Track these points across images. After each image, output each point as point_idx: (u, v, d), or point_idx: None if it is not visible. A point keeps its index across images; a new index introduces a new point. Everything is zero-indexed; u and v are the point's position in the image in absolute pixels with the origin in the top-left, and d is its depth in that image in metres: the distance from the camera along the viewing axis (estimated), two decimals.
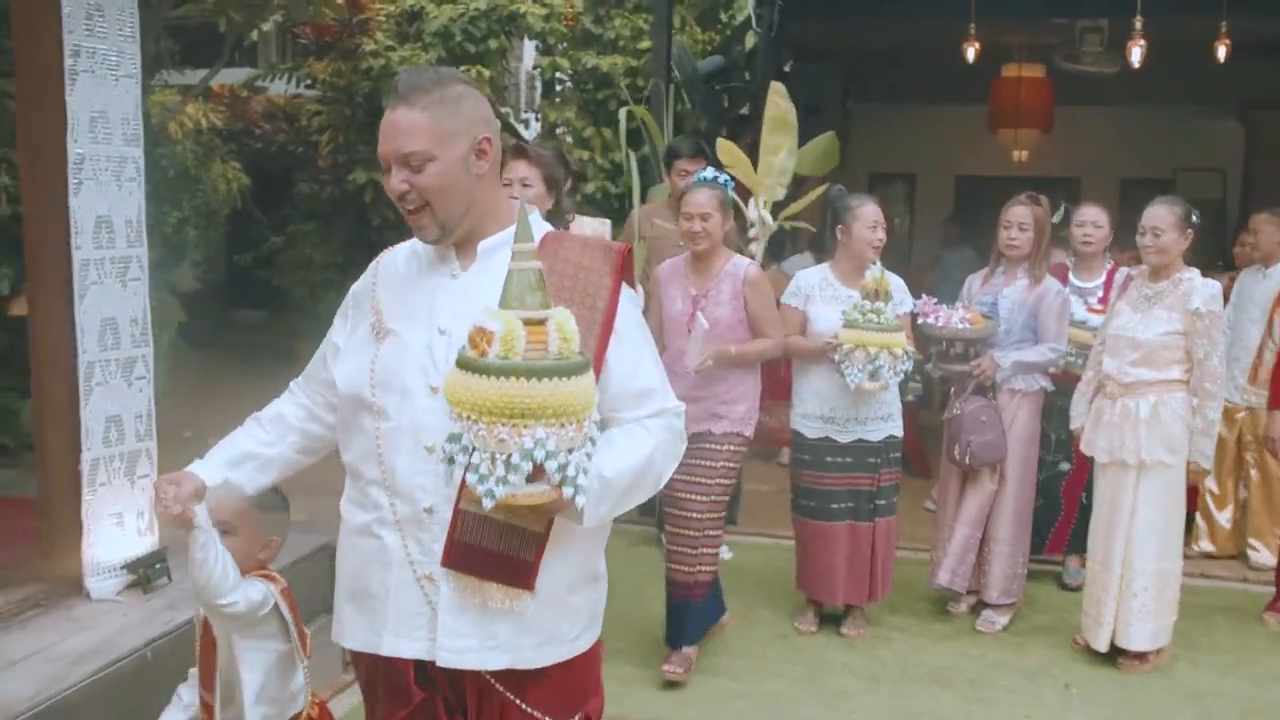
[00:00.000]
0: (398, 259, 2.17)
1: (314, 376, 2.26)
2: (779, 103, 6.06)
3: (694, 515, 4.19)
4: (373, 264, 2.22)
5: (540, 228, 2.12)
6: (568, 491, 1.77)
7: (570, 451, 1.76)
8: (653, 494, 2.11)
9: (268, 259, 10.41)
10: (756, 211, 6.08)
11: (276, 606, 2.46)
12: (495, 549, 1.97)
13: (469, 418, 1.73)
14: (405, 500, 2.01)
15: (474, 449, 1.74)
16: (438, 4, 9.75)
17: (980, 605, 4.88)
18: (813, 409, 4.62)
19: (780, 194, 6.23)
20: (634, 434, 2.03)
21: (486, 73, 9.36)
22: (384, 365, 2.04)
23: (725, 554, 5.56)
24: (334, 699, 3.57)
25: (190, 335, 8.06)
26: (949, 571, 4.80)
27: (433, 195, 1.98)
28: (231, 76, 10.20)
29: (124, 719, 3.05)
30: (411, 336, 2.04)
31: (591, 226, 4.60)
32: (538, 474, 1.75)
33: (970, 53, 7.88)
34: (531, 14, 9.58)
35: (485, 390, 1.71)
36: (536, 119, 10.85)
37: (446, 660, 2.02)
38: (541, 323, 1.76)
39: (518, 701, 2.07)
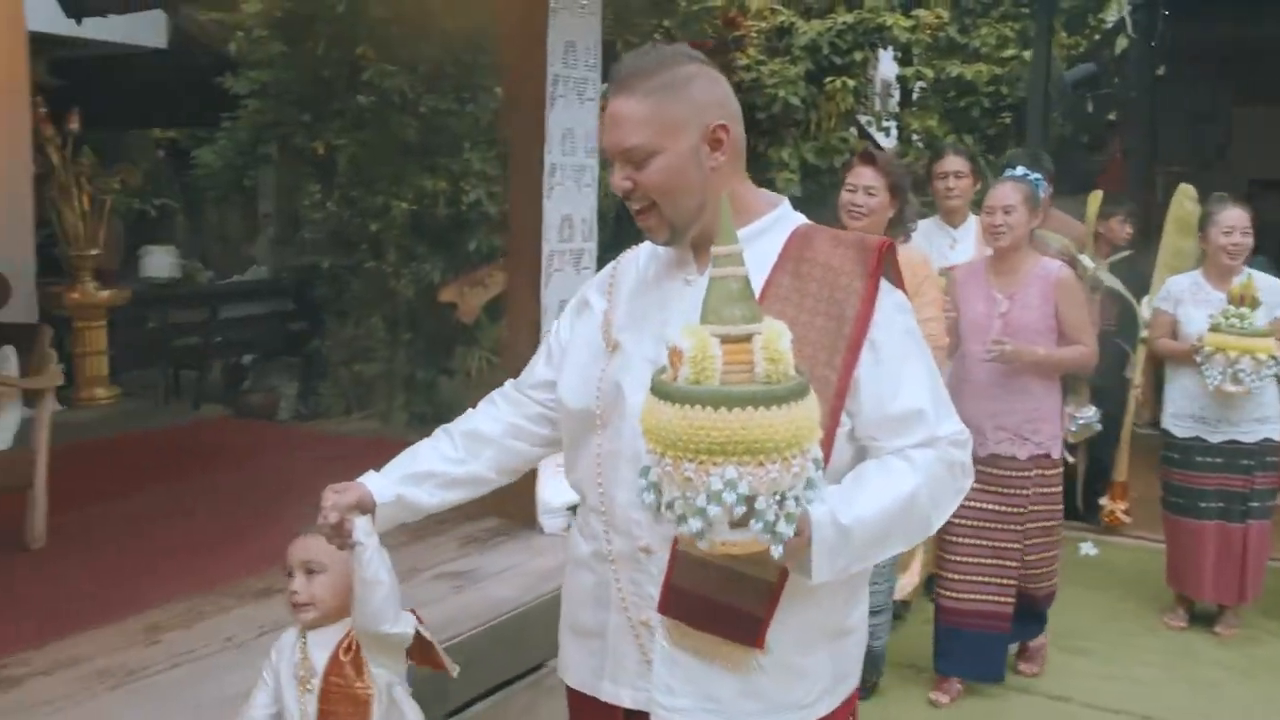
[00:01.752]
0: (639, 260, 1.92)
1: (529, 380, 2.04)
2: (1186, 204, 5.76)
3: (1011, 545, 3.97)
4: (611, 264, 1.99)
5: (789, 221, 1.84)
6: (775, 547, 1.47)
7: (777, 495, 1.45)
8: (921, 539, 1.83)
9: None
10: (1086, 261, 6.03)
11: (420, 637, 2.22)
12: (718, 598, 1.69)
13: (657, 450, 1.48)
14: (622, 534, 1.80)
15: (661, 486, 1.49)
16: (806, 19, 10.25)
17: None
18: (1183, 408, 4.74)
19: None
20: (892, 468, 1.70)
21: (851, 83, 9.74)
22: (610, 380, 1.81)
23: (1091, 550, 5.73)
24: None
25: None
26: None
27: (659, 193, 1.73)
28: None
29: None
30: (636, 349, 1.80)
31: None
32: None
33: None
34: (898, 25, 9.89)
35: (671, 419, 1.45)
36: (897, 126, 11.12)
37: (660, 718, 1.78)
38: (745, 340, 1.47)
39: None
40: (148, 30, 8.74)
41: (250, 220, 11.21)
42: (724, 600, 1.69)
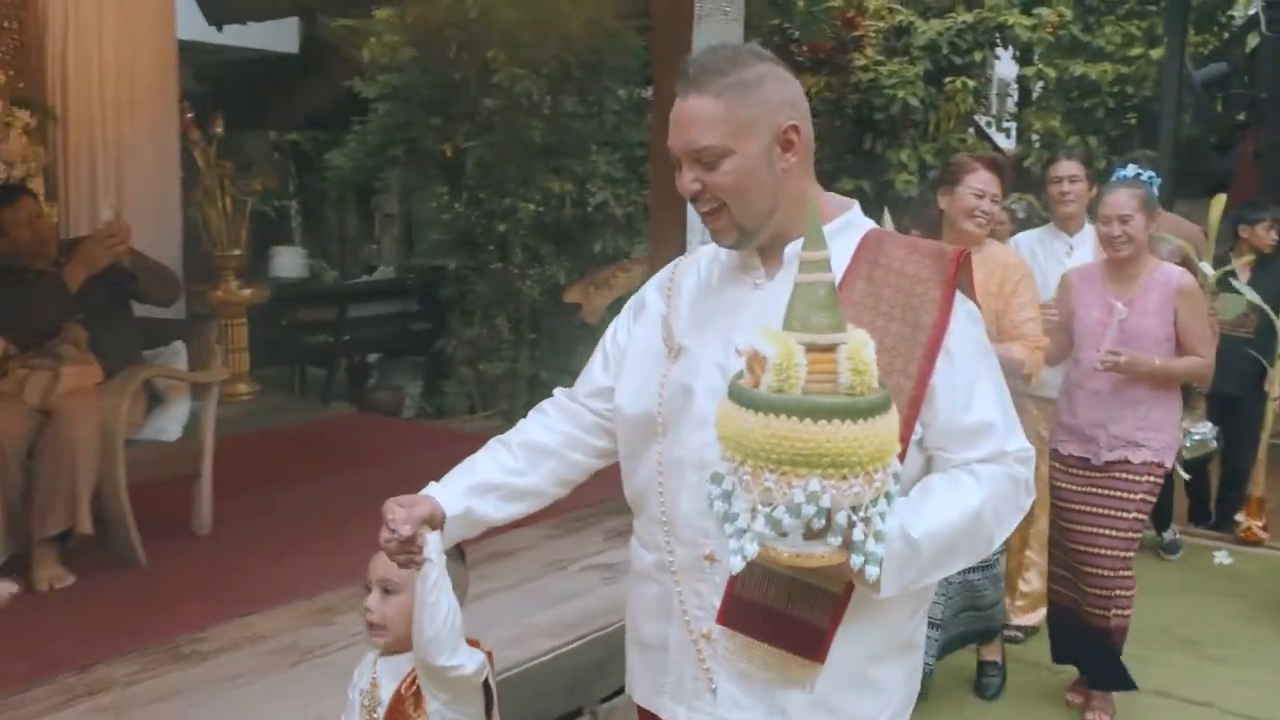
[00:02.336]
0: (699, 264, 1.87)
1: (586, 388, 1.96)
2: None
3: (1104, 552, 3.80)
4: (668, 267, 1.94)
5: (860, 225, 1.80)
6: (855, 559, 1.43)
7: (855, 510, 1.41)
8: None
9: None
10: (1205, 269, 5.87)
11: (486, 682, 2.05)
12: (781, 609, 1.65)
13: (734, 458, 1.43)
14: (685, 544, 1.75)
15: (734, 495, 1.44)
16: (925, 19, 10.20)
17: None
18: None
19: None
20: (960, 482, 1.66)
21: (971, 83, 9.67)
22: (675, 385, 1.76)
23: (1225, 559, 5.63)
24: None
25: None
26: None
27: (729, 195, 1.68)
28: None
29: None
30: (702, 354, 1.75)
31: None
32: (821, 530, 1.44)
33: None
34: (1019, 24, 9.78)
35: (751, 427, 1.40)
36: (1016, 127, 10.99)
37: None
38: (830, 349, 1.43)
39: None
40: (281, 36, 9.08)
41: (370, 221, 11.53)
42: (787, 611, 1.65)
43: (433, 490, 1.86)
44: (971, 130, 10.28)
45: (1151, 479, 3.80)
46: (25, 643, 3.20)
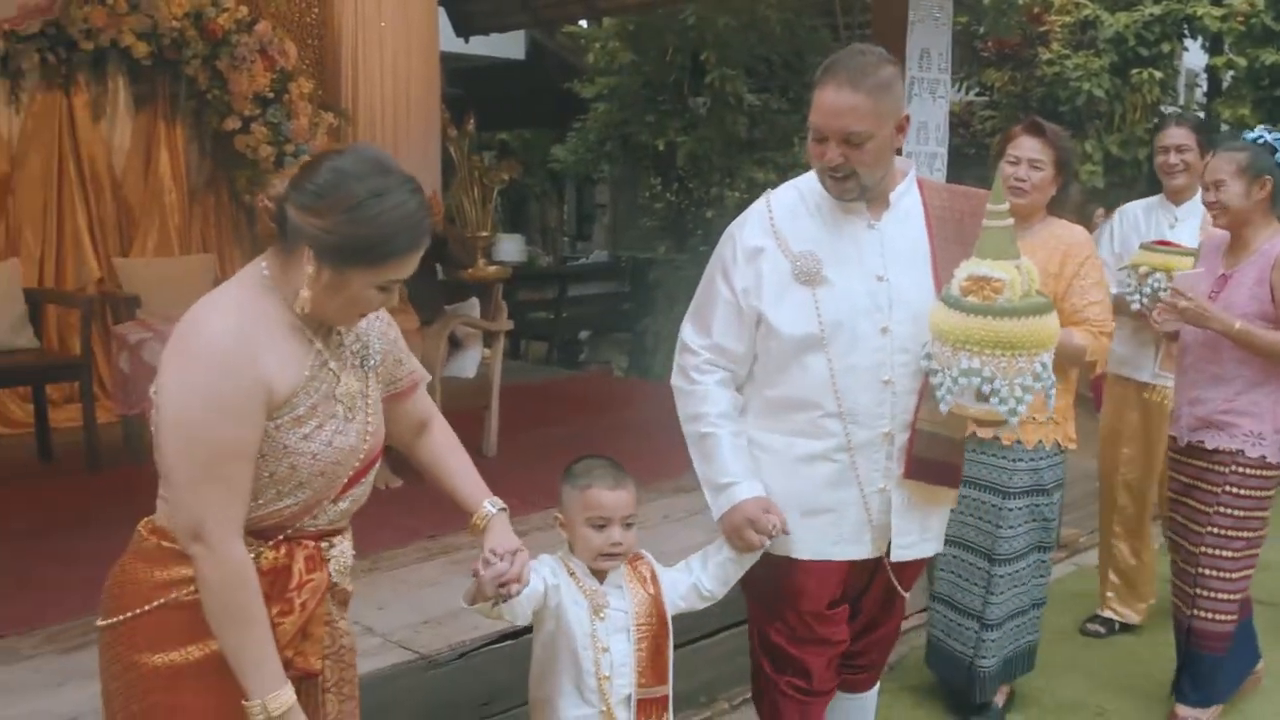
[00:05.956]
0: (787, 208, 2.40)
1: (731, 334, 2.43)
2: None
3: (1187, 547, 3.55)
4: (758, 216, 2.42)
5: (913, 176, 2.45)
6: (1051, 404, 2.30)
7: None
8: None
9: None
10: None
11: None
12: (940, 459, 2.36)
13: (1001, 354, 2.10)
14: (865, 428, 2.35)
15: (995, 378, 2.11)
16: (1112, 12, 10.45)
17: None
18: None
19: None
20: None
21: (1157, 74, 9.89)
22: (830, 310, 2.32)
23: None
24: None
25: None
26: None
27: (865, 166, 2.26)
28: None
29: None
30: (849, 284, 2.33)
31: None
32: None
33: None
34: (1208, 15, 9.94)
35: (1015, 329, 2.10)
36: (1205, 117, 11.09)
37: (899, 555, 2.46)
38: (1018, 266, 2.17)
39: (899, 587, 2.56)
40: (510, 45, 10.09)
41: (560, 210, 12.37)
42: (944, 459, 2.38)
43: (758, 486, 2.41)
44: (1157, 120, 10.48)
45: (1238, 469, 3.42)
46: (385, 522, 4.12)
